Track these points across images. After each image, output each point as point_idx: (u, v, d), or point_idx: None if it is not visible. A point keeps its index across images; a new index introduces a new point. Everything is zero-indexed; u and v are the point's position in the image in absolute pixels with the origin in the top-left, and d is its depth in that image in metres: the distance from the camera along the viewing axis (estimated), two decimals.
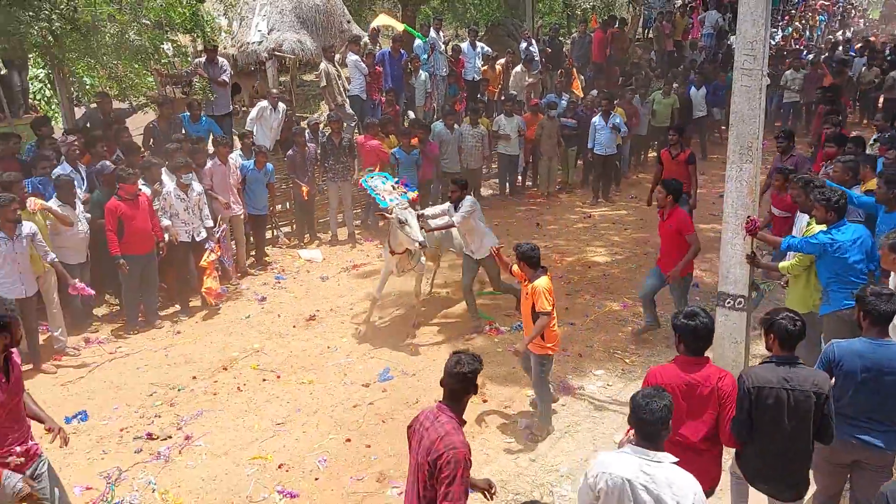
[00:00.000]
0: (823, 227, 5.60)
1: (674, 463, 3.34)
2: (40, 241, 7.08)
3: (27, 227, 6.94)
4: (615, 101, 12.62)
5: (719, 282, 5.95)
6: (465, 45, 14.44)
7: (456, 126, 11.51)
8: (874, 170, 7.13)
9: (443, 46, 13.95)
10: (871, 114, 15.76)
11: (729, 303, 5.82)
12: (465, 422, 3.68)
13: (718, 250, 6.05)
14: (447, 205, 7.85)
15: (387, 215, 7.45)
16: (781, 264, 6.11)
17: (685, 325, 4.00)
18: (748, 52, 5.51)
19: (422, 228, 7.39)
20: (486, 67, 14.36)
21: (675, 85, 14.03)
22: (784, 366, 3.97)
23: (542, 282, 5.63)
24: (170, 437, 6.10)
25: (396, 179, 8.09)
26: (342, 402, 6.64)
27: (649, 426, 3.35)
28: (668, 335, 7.20)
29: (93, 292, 7.67)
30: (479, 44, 14.80)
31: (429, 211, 8.00)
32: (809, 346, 5.44)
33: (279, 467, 5.71)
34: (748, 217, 5.66)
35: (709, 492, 3.96)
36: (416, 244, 7.22)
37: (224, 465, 5.73)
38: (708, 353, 4.16)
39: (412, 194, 7.84)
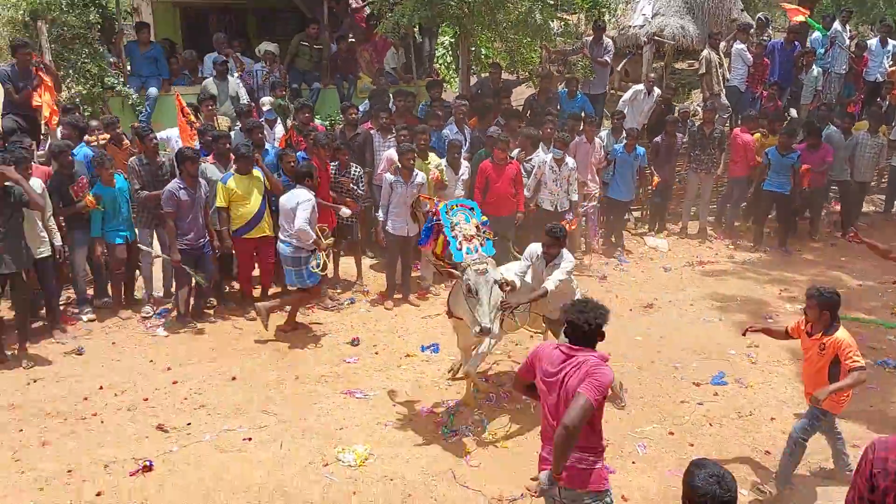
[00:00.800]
0: None
1: None
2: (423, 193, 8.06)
3: (420, 176, 7.98)
4: None
5: None
6: (873, 42, 12.80)
7: (853, 132, 10.39)
8: None
9: (847, 41, 12.53)
10: None
11: None
12: None
13: None
14: (534, 256, 6.14)
15: (455, 273, 5.53)
16: None
17: None
18: None
19: (506, 306, 5.66)
20: (894, 68, 12.58)
21: None
22: None
23: (847, 334, 4.89)
24: (502, 384, 6.63)
25: (485, 220, 5.93)
26: (669, 395, 6.57)
27: None
28: None
29: None
30: (891, 41, 12.99)
31: (518, 280, 5.92)
32: None
33: None
34: None
35: None
36: (477, 328, 5.31)
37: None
38: None
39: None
